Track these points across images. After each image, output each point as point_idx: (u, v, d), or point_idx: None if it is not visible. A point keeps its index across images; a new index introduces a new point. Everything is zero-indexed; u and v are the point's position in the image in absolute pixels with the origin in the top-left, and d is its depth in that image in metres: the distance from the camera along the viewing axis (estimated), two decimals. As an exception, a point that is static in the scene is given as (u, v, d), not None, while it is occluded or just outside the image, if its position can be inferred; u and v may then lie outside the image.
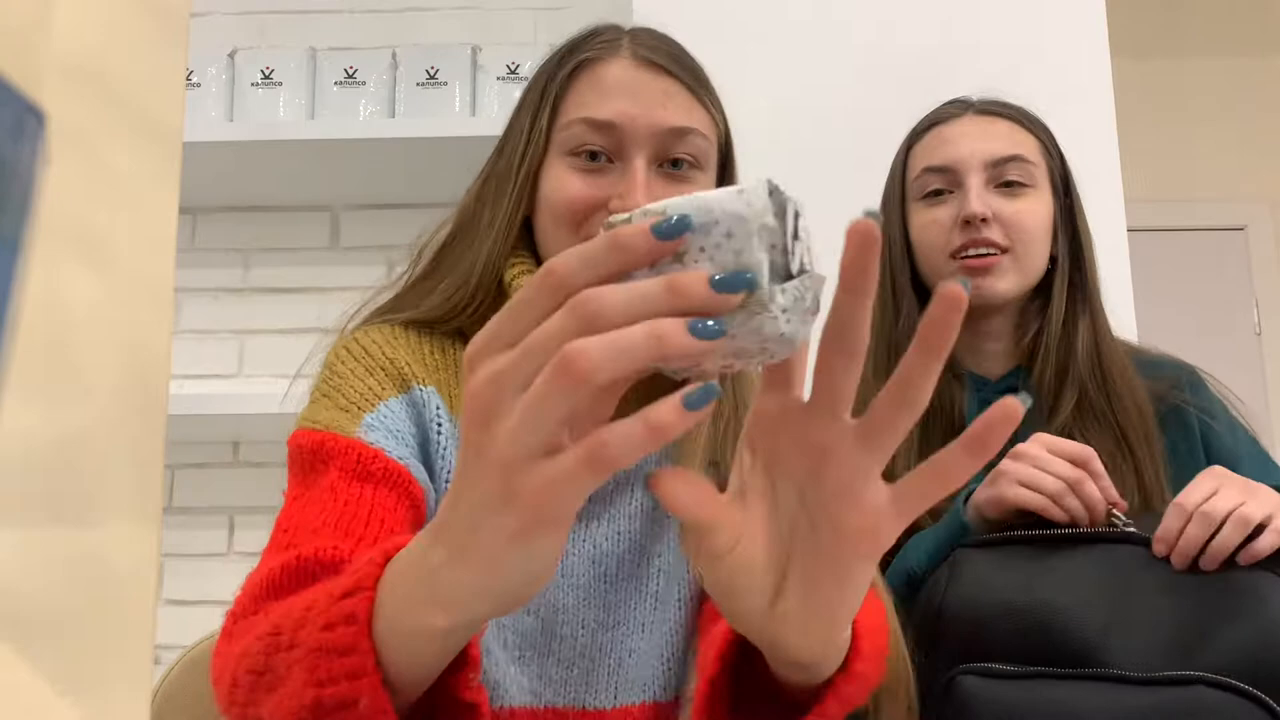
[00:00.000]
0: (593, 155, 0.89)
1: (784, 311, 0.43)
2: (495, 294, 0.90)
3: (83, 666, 0.35)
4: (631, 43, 0.92)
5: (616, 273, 0.42)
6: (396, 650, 0.52)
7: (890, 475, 0.46)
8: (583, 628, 0.87)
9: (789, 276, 0.43)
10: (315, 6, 2.09)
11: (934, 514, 1.07)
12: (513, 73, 1.87)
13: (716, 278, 0.41)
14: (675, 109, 0.89)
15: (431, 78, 1.88)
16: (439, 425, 0.87)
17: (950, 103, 1.25)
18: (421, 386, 0.87)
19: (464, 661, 0.56)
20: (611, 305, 0.41)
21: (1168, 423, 1.16)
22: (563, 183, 0.89)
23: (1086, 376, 1.14)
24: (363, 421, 0.83)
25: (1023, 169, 1.17)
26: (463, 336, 0.93)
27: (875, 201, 1.27)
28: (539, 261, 0.91)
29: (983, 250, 1.15)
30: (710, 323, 0.40)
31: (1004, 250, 1.16)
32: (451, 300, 0.91)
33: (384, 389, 0.86)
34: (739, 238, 0.42)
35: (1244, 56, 3.63)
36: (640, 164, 0.88)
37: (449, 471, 0.85)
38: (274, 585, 0.70)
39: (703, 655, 0.66)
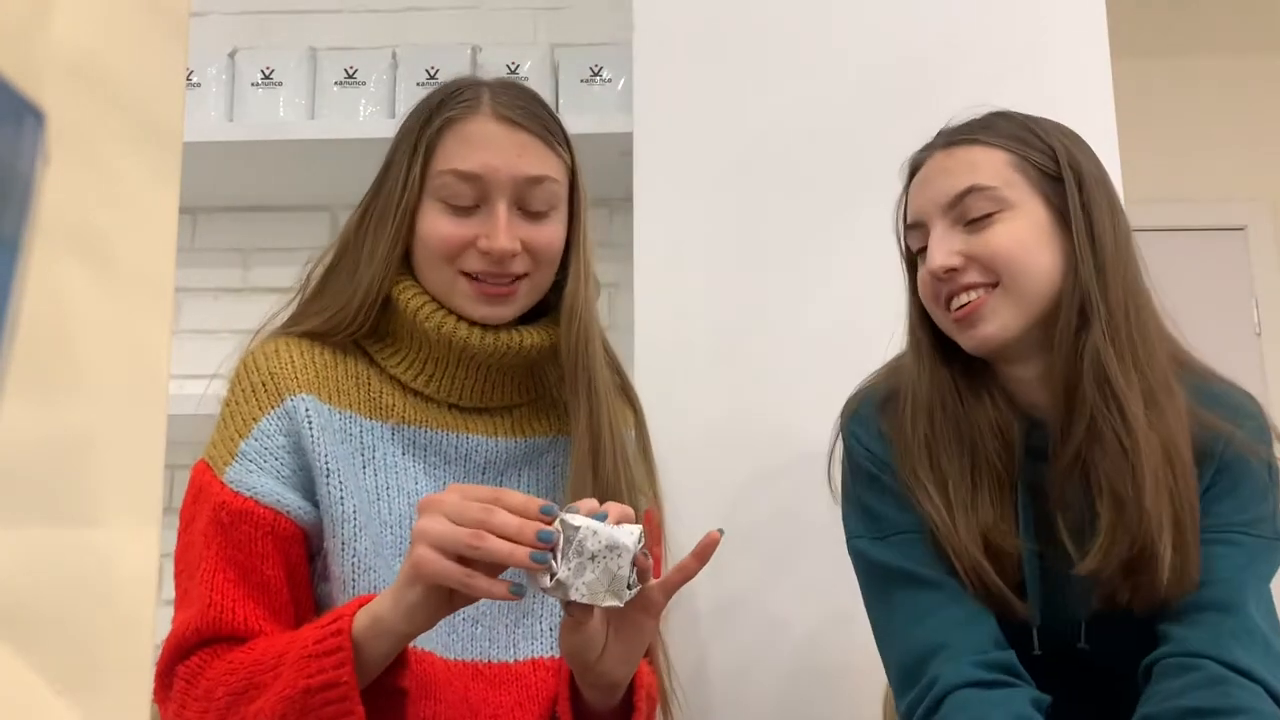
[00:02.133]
0: (462, 207, 1.06)
1: (586, 590, 0.85)
2: (381, 309, 1.08)
3: (82, 666, 0.35)
4: (491, 100, 1.08)
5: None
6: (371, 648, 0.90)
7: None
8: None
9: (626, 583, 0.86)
10: (315, 6, 2.09)
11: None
12: (513, 73, 1.86)
13: (540, 533, 0.84)
14: (531, 159, 1.06)
15: (432, 78, 1.87)
16: (310, 421, 1.03)
17: (929, 144, 1.15)
18: (293, 395, 1.04)
19: (401, 662, 0.93)
20: (502, 527, 0.85)
21: (1207, 455, 1.05)
22: (437, 225, 1.06)
23: (1095, 395, 1.02)
24: (239, 450, 1.02)
25: (982, 198, 1.06)
26: (357, 346, 1.11)
27: (876, 205, 1.27)
28: (419, 284, 1.09)
29: (963, 300, 1.06)
30: (538, 555, 0.84)
31: (994, 284, 1.05)
32: (338, 317, 1.08)
33: (261, 408, 1.04)
34: (613, 558, 0.85)
35: (1245, 56, 3.63)
36: (502, 208, 1.05)
37: (325, 455, 1.02)
38: (184, 649, 0.98)
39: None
